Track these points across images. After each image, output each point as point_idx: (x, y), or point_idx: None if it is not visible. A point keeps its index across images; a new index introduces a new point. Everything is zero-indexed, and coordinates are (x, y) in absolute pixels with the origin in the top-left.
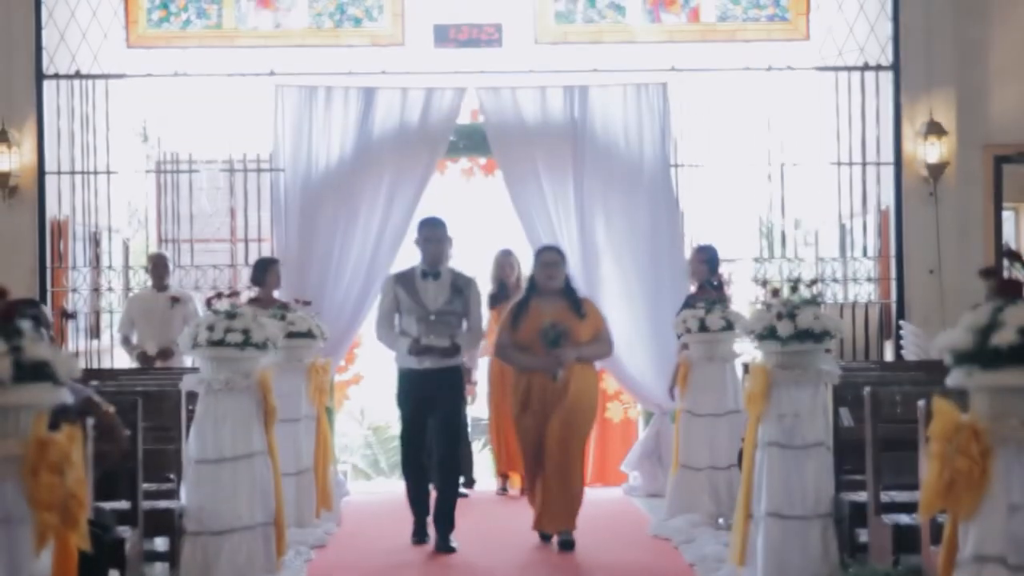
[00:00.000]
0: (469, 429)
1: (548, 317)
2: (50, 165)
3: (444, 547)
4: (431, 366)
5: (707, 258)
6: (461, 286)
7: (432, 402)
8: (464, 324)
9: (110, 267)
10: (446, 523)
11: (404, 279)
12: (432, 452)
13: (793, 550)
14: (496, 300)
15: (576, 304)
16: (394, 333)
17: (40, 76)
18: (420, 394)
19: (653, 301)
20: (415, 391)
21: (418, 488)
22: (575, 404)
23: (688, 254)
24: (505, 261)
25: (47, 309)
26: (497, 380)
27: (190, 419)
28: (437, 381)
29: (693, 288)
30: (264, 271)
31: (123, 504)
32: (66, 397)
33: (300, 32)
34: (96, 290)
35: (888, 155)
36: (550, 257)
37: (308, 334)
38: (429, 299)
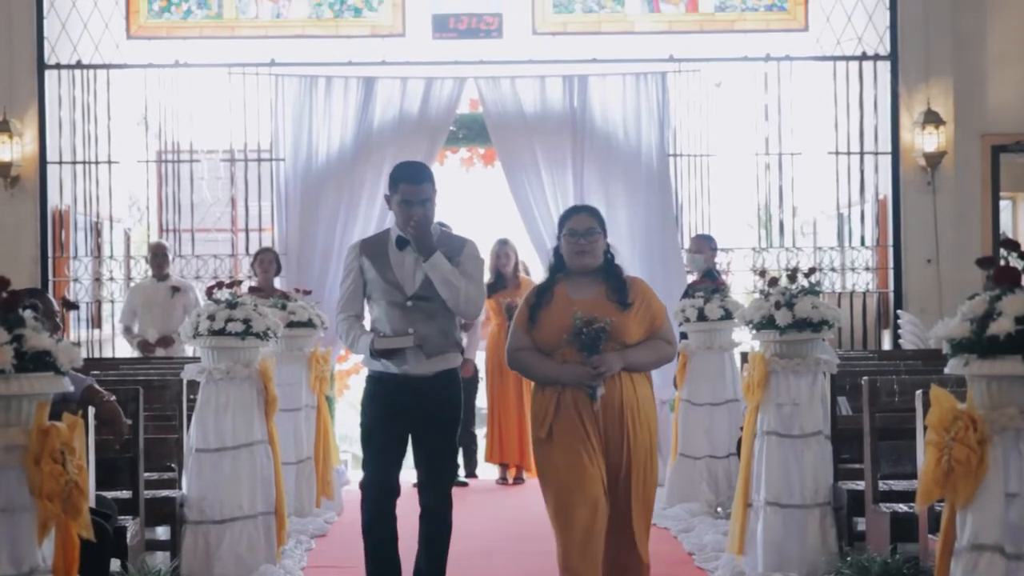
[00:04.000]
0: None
1: (580, 308)
2: (52, 155)
3: None
4: (414, 371)
5: (715, 246)
6: (449, 253)
7: (416, 425)
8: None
9: (111, 257)
10: None
11: (372, 248)
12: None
13: (792, 539)
14: (493, 289)
15: (619, 288)
16: (358, 326)
17: (42, 66)
18: (398, 413)
19: None
20: (389, 407)
21: (385, 564)
22: (637, 446)
23: (687, 243)
24: (501, 251)
25: (52, 298)
26: (495, 371)
27: (191, 408)
28: (425, 394)
29: (694, 277)
30: (253, 261)
31: (124, 493)
32: (68, 386)
33: (300, 22)
34: (97, 279)
35: (886, 144)
36: (582, 222)
37: (308, 323)
38: (406, 276)
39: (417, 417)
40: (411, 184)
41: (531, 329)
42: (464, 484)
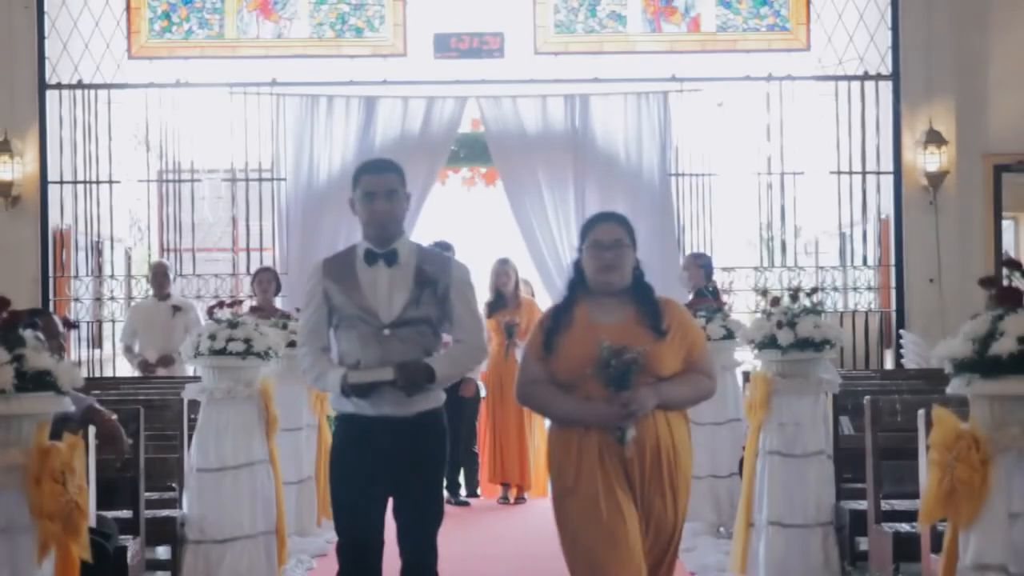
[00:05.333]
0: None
1: (607, 333)
2: (52, 175)
3: None
4: (394, 412)
5: (703, 263)
6: (433, 274)
7: (397, 476)
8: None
9: (112, 276)
10: None
11: (338, 269)
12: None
13: (794, 558)
14: (493, 308)
15: (652, 311)
16: (325, 359)
17: (43, 86)
18: (377, 463)
19: None
20: (366, 457)
21: None
22: (678, 504)
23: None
24: (501, 270)
25: (56, 318)
26: (496, 390)
27: (192, 428)
28: (406, 439)
29: (689, 296)
30: (252, 281)
31: (125, 513)
32: (68, 406)
33: (301, 41)
34: (98, 299)
35: (888, 164)
36: (608, 231)
37: None
38: (380, 299)
39: (399, 467)
40: (373, 175)
41: (547, 358)
42: (466, 504)
